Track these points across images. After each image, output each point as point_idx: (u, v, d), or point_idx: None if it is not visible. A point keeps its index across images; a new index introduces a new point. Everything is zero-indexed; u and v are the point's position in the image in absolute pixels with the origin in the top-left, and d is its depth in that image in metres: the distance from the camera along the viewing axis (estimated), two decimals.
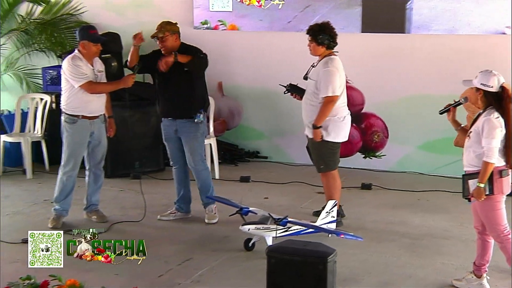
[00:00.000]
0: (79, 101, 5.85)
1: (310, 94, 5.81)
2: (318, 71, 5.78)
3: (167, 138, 6.09)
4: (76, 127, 5.89)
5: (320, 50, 5.82)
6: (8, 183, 7.47)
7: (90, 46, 5.83)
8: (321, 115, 5.72)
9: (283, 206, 6.57)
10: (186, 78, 5.85)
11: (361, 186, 7.23)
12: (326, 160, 5.89)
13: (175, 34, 5.86)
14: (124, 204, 6.65)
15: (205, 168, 6.06)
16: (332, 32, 5.79)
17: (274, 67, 8.19)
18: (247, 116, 8.48)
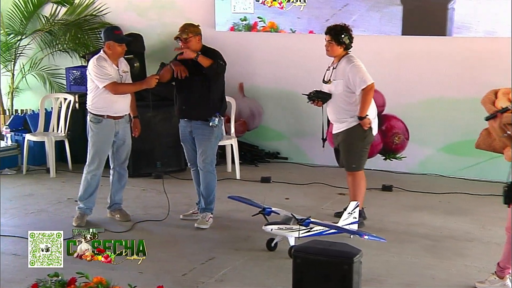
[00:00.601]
0: (104, 101, 5.89)
1: (339, 95, 5.85)
2: (342, 70, 5.82)
3: (183, 139, 6.11)
4: (101, 126, 5.93)
5: (339, 50, 5.87)
6: (32, 181, 7.54)
7: (115, 46, 5.86)
8: (365, 104, 5.79)
9: (304, 207, 6.57)
10: (203, 80, 5.86)
11: (382, 187, 7.22)
12: (359, 158, 5.92)
13: (198, 36, 5.88)
14: (147, 204, 6.69)
15: (213, 172, 6.03)
16: (351, 34, 5.87)
17: (295, 68, 8.20)
18: (267, 117, 8.48)
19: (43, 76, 9.13)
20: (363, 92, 5.78)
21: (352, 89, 5.81)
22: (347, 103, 5.86)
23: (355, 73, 5.78)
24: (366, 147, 5.97)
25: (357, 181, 5.95)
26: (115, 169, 6.12)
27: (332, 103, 5.92)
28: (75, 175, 7.58)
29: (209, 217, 6.02)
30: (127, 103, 6.01)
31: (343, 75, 5.82)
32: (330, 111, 5.98)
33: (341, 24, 5.95)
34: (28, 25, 9.02)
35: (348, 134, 5.89)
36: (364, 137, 5.90)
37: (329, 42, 5.87)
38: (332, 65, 5.96)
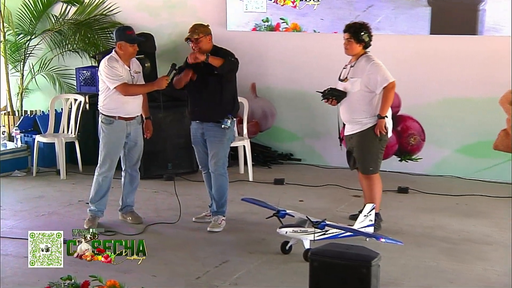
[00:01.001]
0: (115, 102, 5.91)
1: (355, 93, 5.84)
2: (361, 68, 5.81)
3: (195, 142, 6.12)
4: (113, 128, 5.95)
5: (358, 49, 5.86)
6: (42, 183, 7.57)
7: (126, 46, 5.88)
8: (386, 102, 5.77)
9: (319, 209, 6.57)
10: (215, 81, 5.86)
11: (398, 189, 7.20)
12: (376, 161, 5.91)
13: (208, 35, 5.89)
14: (158, 206, 6.70)
15: (224, 175, 6.03)
16: (370, 32, 5.86)
17: (308, 68, 8.19)
18: (280, 117, 8.48)
19: (52, 76, 9.15)
20: (384, 90, 5.76)
21: (370, 89, 5.79)
22: (363, 103, 5.84)
23: (375, 71, 5.77)
24: (381, 149, 5.96)
25: (374, 184, 5.94)
26: (126, 171, 6.14)
27: (347, 102, 5.91)
28: (85, 177, 7.61)
29: (221, 220, 6.02)
30: (138, 104, 6.02)
31: (361, 74, 5.81)
32: (344, 111, 5.97)
33: (360, 22, 5.94)
34: (37, 25, 9.05)
35: (363, 136, 5.87)
36: (380, 138, 5.89)
37: (348, 40, 5.86)
38: (350, 63, 5.95)
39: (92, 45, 8.84)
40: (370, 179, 5.96)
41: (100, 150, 6.06)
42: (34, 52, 9.08)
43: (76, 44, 8.95)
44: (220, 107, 5.90)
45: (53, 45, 9.08)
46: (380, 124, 5.81)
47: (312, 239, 5.25)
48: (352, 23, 5.97)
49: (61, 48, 9.03)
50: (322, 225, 5.29)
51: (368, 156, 5.91)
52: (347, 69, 5.95)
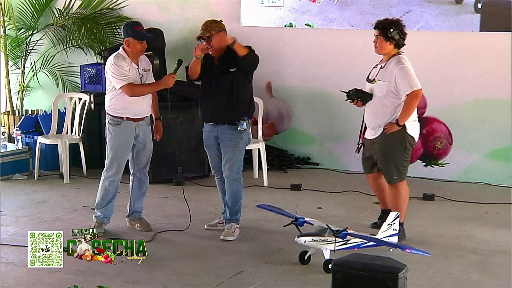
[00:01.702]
0: (123, 102, 5.93)
1: (381, 97, 5.84)
2: (390, 71, 5.79)
3: (208, 145, 6.12)
4: (120, 129, 5.97)
5: (388, 47, 5.84)
6: (45, 187, 7.61)
7: (134, 43, 5.90)
8: (408, 111, 5.75)
9: (338, 217, 6.57)
10: (231, 80, 5.87)
11: (423, 196, 7.20)
12: (401, 169, 5.90)
13: (222, 31, 5.87)
14: (168, 212, 6.72)
15: (239, 180, 6.05)
16: (403, 29, 5.83)
17: (327, 66, 8.20)
18: (297, 119, 8.49)
19: (55, 74, 9.20)
20: (407, 98, 5.74)
21: (396, 94, 5.78)
22: (387, 109, 5.82)
23: (402, 76, 5.74)
24: (407, 155, 5.93)
25: (400, 192, 5.93)
26: (135, 175, 6.16)
27: (372, 105, 5.91)
28: (90, 181, 7.65)
29: (235, 228, 6.03)
30: (148, 104, 6.04)
31: (389, 77, 5.79)
32: (368, 114, 5.96)
33: (392, 18, 5.91)
34: (40, 19, 9.10)
35: (386, 142, 5.86)
36: (405, 146, 5.87)
37: (377, 37, 5.84)
38: (381, 63, 5.93)
39: (97, 41, 8.87)
40: (395, 187, 5.95)
41: (107, 152, 6.08)
42: (36, 48, 9.13)
43: (81, 39, 8.99)
44: (236, 108, 5.91)
45: (56, 40, 9.12)
46: (391, 127, 5.78)
47: (332, 249, 5.25)
48: (383, 19, 5.94)
49: (64, 44, 9.08)
50: (344, 234, 5.29)
51: (393, 165, 5.89)
52: (377, 69, 5.93)
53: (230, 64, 5.86)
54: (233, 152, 5.99)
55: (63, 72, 9.19)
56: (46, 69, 9.21)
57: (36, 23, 9.09)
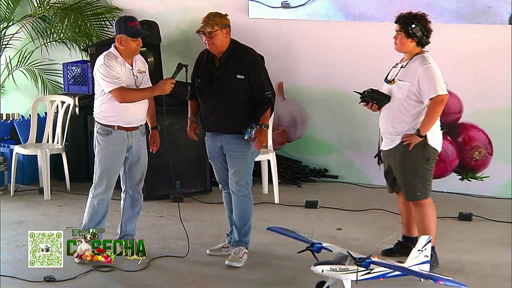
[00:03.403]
0: (114, 108, 5.97)
1: (401, 99, 5.86)
2: (413, 70, 5.83)
3: (212, 156, 6.17)
4: (111, 139, 6.02)
5: (409, 45, 5.88)
6: (22, 205, 7.65)
7: (128, 41, 5.93)
8: (431, 118, 5.78)
9: (360, 240, 6.61)
10: (238, 87, 5.91)
11: (459, 216, 7.22)
12: (424, 183, 5.92)
13: (226, 28, 5.91)
14: (165, 234, 6.76)
15: (248, 197, 6.09)
16: (427, 25, 5.86)
17: (347, 64, 8.24)
18: (312, 124, 8.53)
19: (34, 72, 9.25)
20: (431, 103, 5.76)
21: (418, 97, 5.81)
22: (407, 113, 5.84)
23: (427, 77, 5.78)
24: (430, 169, 5.94)
25: (425, 211, 5.94)
26: (127, 192, 6.21)
27: (389, 109, 5.93)
28: (74, 197, 7.70)
29: (243, 252, 6.08)
30: (143, 111, 6.09)
31: (412, 77, 5.82)
32: (384, 119, 5.99)
33: (416, 12, 5.93)
34: (16, 9, 9.15)
35: (406, 154, 5.87)
36: (428, 158, 5.89)
37: (397, 32, 5.88)
38: (402, 62, 5.97)
39: (83, 34, 8.92)
40: (419, 206, 5.97)
41: (95, 167, 6.12)
42: (11, 43, 9.19)
43: (64, 33, 9.04)
44: (243, 115, 5.95)
45: (35, 34, 9.18)
46: (411, 139, 5.81)
47: (354, 279, 5.28)
48: (406, 12, 5.96)
49: (45, 38, 9.14)
50: (367, 263, 5.31)
51: (414, 180, 5.91)
52: (397, 68, 5.98)
53: (237, 68, 5.89)
54: (240, 164, 6.03)
55: (43, 70, 9.24)
56: (23, 67, 9.26)
57: (11, 14, 9.14)
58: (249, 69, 5.90)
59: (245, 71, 5.89)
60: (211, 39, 5.88)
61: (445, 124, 6.09)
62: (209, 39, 5.88)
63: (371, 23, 8.04)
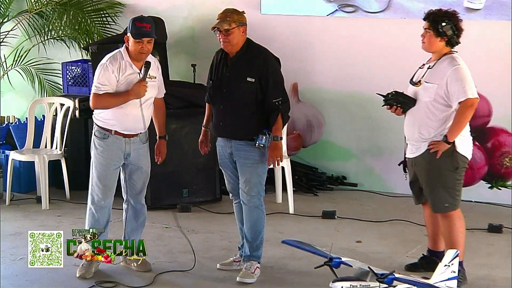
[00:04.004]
0: (114, 112, 5.97)
1: (428, 103, 5.85)
2: (441, 71, 5.82)
3: (223, 163, 6.18)
4: (107, 144, 6.03)
5: (438, 44, 5.88)
6: (18, 215, 7.65)
7: (132, 42, 5.91)
8: (460, 124, 5.77)
9: (382, 254, 6.60)
10: (248, 90, 5.90)
11: (488, 227, 7.20)
12: (453, 194, 5.91)
13: (243, 26, 5.91)
14: (172, 246, 6.76)
15: (260, 208, 6.08)
16: (458, 24, 5.85)
17: (367, 64, 8.23)
18: (330, 128, 8.52)
19: (31, 72, 9.26)
20: (460, 107, 5.75)
21: (446, 101, 5.80)
22: (434, 118, 5.84)
23: (456, 79, 5.77)
24: (460, 177, 5.93)
25: (453, 224, 5.93)
26: (129, 202, 6.21)
27: (414, 113, 5.92)
28: (74, 207, 7.71)
29: (255, 267, 6.07)
30: (146, 118, 6.06)
31: (440, 79, 5.81)
32: (409, 124, 5.98)
33: (447, 10, 5.92)
34: (11, 5, 9.17)
35: (432, 162, 5.86)
36: (456, 166, 5.88)
37: (426, 30, 5.87)
38: (429, 63, 5.96)
39: (83, 32, 8.93)
40: (447, 218, 5.95)
41: (91, 172, 6.14)
42: (6, 41, 9.21)
43: (62, 30, 9.06)
44: (254, 120, 5.95)
45: (32, 31, 9.20)
46: (438, 146, 5.80)
47: None
48: (436, 9, 5.96)
49: (42, 36, 9.15)
50: (390, 279, 5.30)
51: (441, 190, 5.90)
52: (424, 69, 5.97)
53: (248, 70, 5.89)
54: (251, 173, 6.03)
55: (41, 70, 9.25)
56: (19, 66, 9.27)
57: (6, 10, 9.16)
58: (260, 71, 5.89)
59: (256, 74, 5.88)
60: (227, 37, 5.87)
61: (473, 129, 6.05)
62: (225, 37, 5.87)
63: (395, 19, 8.03)
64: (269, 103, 5.91)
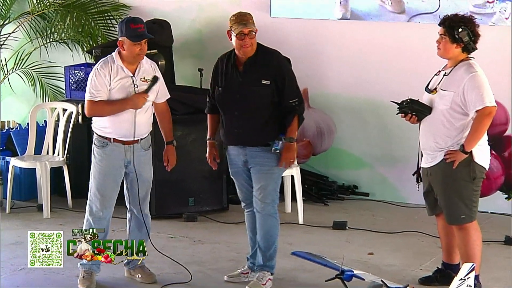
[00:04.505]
0: (110, 119, 5.99)
1: (444, 111, 5.85)
2: (458, 79, 5.82)
3: (236, 172, 6.18)
4: (106, 152, 6.05)
5: (454, 50, 5.88)
6: (18, 224, 7.66)
7: (129, 45, 5.90)
8: (477, 133, 5.78)
9: (395, 266, 6.59)
10: (263, 95, 5.92)
11: (505, 240, 7.18)
12: (470, 205, 5.90)
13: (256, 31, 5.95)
14: (177, 258, 6.72)
15: (275, 216, 6.09)
16: (475, 29, 5.85)
17: (380, 68, 8.24)
18: (341, 136, 8.53)
19: (32, 76, 9.28)
20: (477, 116, 5.76)
21: (463, 109, 5.80)
22: (451, 127, 5.84)
23: (473, 86, 5.77)
24: (477, 188, 5.93)
25: (471, 236, 5.92)
26: (132, 212, 6.21)
27: (430, 122, 5.93)
28: (77, 215, 7.70)
29: (267, 279, 6.07)
30: (145, 123, 6.07)
31: (456, 87, 5.81)
32: (424, 133, 5.98)
33: (463, 15, 5.93)
34: (13, 6, 9.19)
35: (449, 173, 5.86)
36: (474, 177, 5.87)
37: (441, 36, 5.87)
38: (445, 69, 5.97)
39: (86, 34, 8.96)
40: (463, 230, 5.95)
41: (90, 181, 6.16)
42: (7, 43, 9.24)
43: (65, 33, 9.08)
44: (269, 125, 5.97)
45: (34, 33, 9.22)
46: (455, 156, 5.80)
47: None
48: (451, 14, 5.96)
49: (44, 38, 9.18)
50: None
51: (458, 201, 5.90)
52: (440, 76, 5.97)
53: (262, 73, 5.91)
54: (267, 180, 6.03)
55: (43, 74, 9.28)
56: (20, 69, 9.29)
57: (7, 11, 9.18)
58: (275, 73, 5.92)
59: (271, 76, 5.91)
60: (251, 40, 5.89)
61: (490, 137, 6.05)
62: (249, 40, 5.89)
63: (409, 24, 8.03)
64: (285, 104, 5.94)
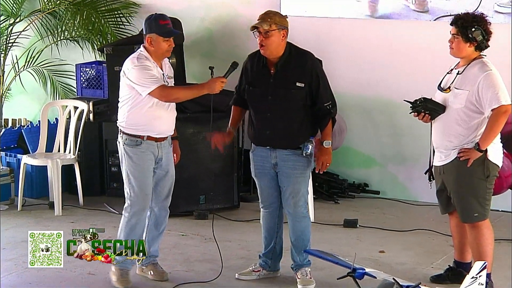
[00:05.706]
0: (144, 116, 5.97)
1: (458, 110, 5.87)
2: (472, 77, 5.83)
3: (261, 173, 6.16)
4: (141, 151, 6.02)
5: (467, 49, 5.88)
6: (30, 221, 7.70)
7: (159, 41, 5.91)
8: (493, 132, 5.79)
9: (406, 264, 6.61)
10: (298, 97, 5.93)
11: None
12: (483, 203, 5.92)
13: (284, 30, 5.91)
14: (189, 255, 6.79)
15: (307, 216, 6.16)
16: (488, 28, 5.86)
17: (391, 67, 8.26)
18: (351, 134, 8.54)
19: (44, 74, 9.33)
20: (492, 114, 5.77)
21: (478, 107, 5.82)
22: (465, 125, 5.85)
23: (487, 85, 5.78)
24: (490, 186, 5.96)
25: (481, 235, 5.93)
26: (152, 209, 6.21)
27: (443, 121, 5.94)
28: (88, 213, 7.75)
29: (309, 271, 6.15)
30: (173, 120, 6.12)
31: (471, 85, 5.82)
32: (437, 132, 5.99)
33: (476, 14, 5.94)
34: (24, 4, 9.23)
35: (463, 171, 5.87)
36: (487, 174, 5.90)
37: (454, 36, 5.88)
38: (458, 68, 5.98)
39: (97, 32, 8.99)
40: (476, 228, 5.96)
41: (127, 183, 6.07)
42: (18, 41, 9.27)
43: (76, 30, 9.12)
44: (301, 128, 5.98)
45: (45, 31, 9.27)
46: (470, 154, 5.82)
47: None
48: (463, 13, 5.98)
49: (55, 36, 9.22)
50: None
51: (471, 199, 5.91)
52: (453, 75, 5.98)
53: (296, 75, 5.90)
54: (299, 183, 6.06)
55: (54, 72, 9.32)
56: (31, 67, 9.34)
57: (18, 9, 9.22)
58: (310, 75, 5.92)
59: (305, 78, 5.91)
60: (266, 39, 5.85)
61: (501, 135, 6.03)
62: (264, 38, 5.86)
63: (420, 22, 8.05)
64: (320, 107, 5.95)
